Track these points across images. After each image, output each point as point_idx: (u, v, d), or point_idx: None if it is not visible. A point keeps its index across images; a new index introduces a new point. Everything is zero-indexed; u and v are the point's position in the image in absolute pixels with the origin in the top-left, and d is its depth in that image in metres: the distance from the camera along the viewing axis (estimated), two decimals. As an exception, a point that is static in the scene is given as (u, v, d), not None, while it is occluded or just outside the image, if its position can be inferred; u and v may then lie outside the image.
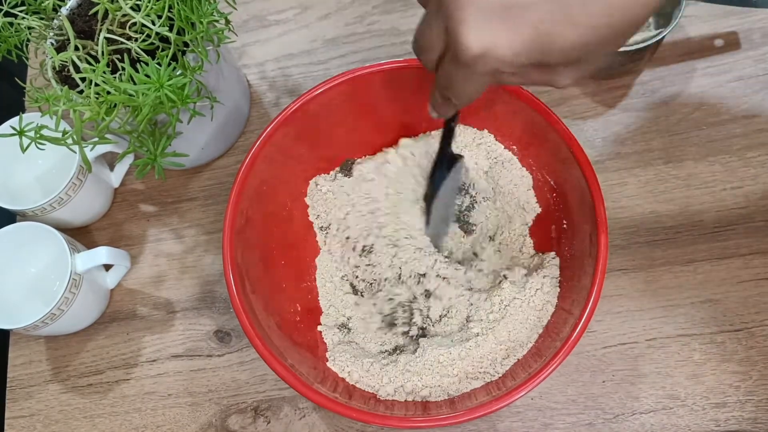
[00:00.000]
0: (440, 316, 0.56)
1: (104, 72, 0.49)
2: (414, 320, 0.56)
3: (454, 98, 0.40)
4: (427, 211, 0.56)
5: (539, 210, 0.58)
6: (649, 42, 0.58)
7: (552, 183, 0.57)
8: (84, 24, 0.56)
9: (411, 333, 0.56)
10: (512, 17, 0.32)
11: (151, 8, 0.50)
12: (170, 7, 0.51)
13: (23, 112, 0.53)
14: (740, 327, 0.56)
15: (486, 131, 0.60)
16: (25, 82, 0.56)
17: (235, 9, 0.56)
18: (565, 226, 0.55)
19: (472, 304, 0.55)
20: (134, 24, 0.51)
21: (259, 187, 0.56)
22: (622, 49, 0.59)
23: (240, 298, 0.51)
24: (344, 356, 0.54)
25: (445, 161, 0.54)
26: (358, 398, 0.51)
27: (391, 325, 0.56)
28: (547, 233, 0.57)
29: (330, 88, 0.56)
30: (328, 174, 0.61)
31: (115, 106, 0.49)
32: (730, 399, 0.54)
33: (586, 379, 0.56)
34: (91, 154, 0.62)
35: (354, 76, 0.56)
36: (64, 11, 0.57)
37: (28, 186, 0.66)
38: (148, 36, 0.51)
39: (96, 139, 0.51)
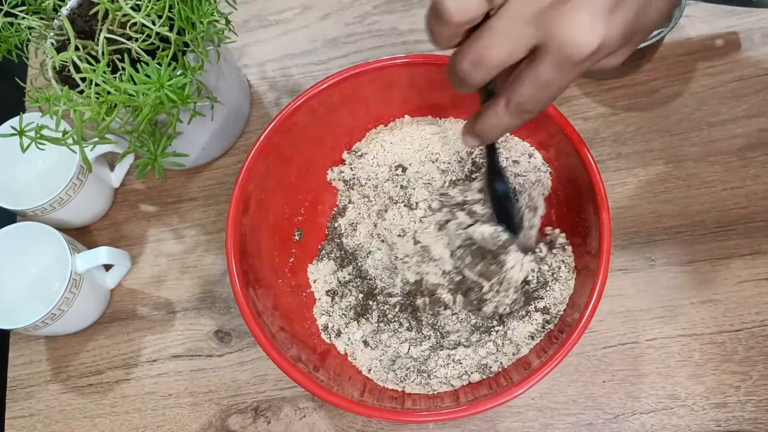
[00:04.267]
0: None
1: (104, 72, 0.49)
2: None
3: (534, 107, 0.35)
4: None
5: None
6: (649, 42, 0.58)
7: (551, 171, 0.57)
8: (84, 24, 0.56)
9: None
10: (621, 2, 0.32)
11: (152, 8, 0.50)
12: (170, 7, 0.51)
13: (23, 112, 0.53)
14: (740, 327, 0.56)
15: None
16: (25, 82, 0.56)
17: (236, 9, 0.56)
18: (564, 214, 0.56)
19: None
20: (134, 24, 0.51)
21: (258, 188, 0.56)
22: None
23: (244, 292, 0.51)
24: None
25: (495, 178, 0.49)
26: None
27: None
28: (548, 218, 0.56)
29: (329, 87, 0.56)
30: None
31: (116, 106, 0.49)
32: (731, 399, 0.54)
33: (587, 379, 0.56)
34: (91, 154, 0.62)
35: (355, 73, 0.55)
36: (64, 11, 0.57)
37: (29, 186, 0.66)
38: (149, 36, 0.51)
39: (96, 139, 0.51)
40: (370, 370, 0.54)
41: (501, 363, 0.52)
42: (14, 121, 0.61)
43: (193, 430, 0.60)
